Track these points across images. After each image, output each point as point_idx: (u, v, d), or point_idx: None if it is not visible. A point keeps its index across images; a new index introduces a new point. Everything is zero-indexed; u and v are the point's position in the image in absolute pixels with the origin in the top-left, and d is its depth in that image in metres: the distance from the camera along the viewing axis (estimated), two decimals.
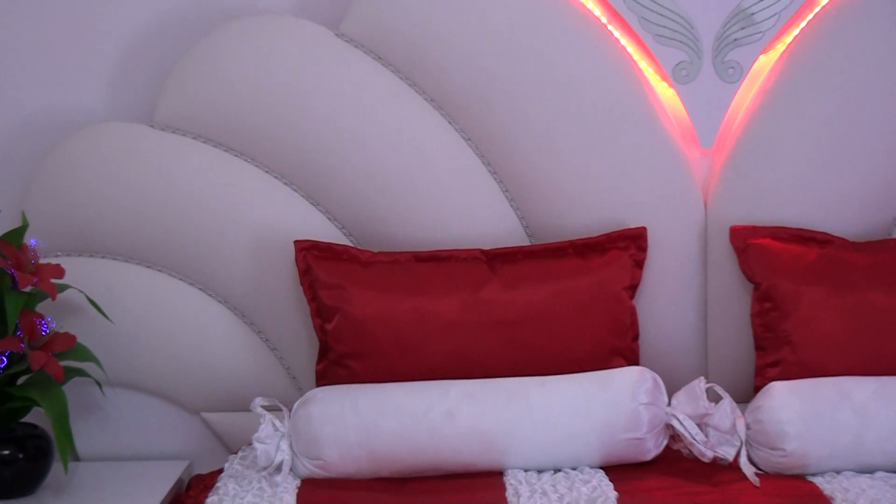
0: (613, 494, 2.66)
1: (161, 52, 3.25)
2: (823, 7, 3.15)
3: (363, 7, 3.18)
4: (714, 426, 2.85)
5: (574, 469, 2.85)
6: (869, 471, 2.79)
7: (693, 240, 3.21)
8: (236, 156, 3.18)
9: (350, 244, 3.18)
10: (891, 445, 2.82)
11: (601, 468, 2.83)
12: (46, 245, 3.06)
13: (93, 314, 3.01)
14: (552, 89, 3.14)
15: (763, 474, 2.81)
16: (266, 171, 3.20)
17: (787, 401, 2.82)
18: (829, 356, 2.99)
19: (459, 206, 3.21)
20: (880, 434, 2.81)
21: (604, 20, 3.15)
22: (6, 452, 2.85)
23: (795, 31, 3.16)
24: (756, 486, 2.75)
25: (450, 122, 3.20)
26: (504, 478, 2.80)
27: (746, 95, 3.20)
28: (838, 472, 2.78)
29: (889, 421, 2.81)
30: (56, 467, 2.94)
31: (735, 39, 3.17)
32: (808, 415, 2.82)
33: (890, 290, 3.03)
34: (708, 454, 2.79)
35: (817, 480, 2.75)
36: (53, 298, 2.88)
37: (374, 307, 3.04)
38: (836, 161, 3.19)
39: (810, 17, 3.15)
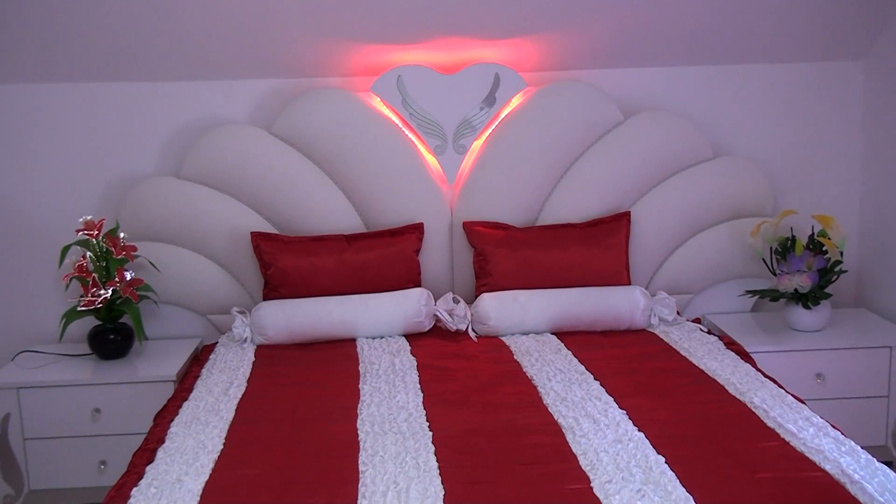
0: (408, 346, 3.23)
1: (182, 142, 3.59)
2: (502, 119, 3.59)
3: (283, 119, 3.53)
4: (456, 314, 3.40)
5: (390, 336, 3.36)
6: (526, 333, 3.36)
7: (445, 228, 3.63)
8: (222, 192, 3.54)
9: (278, 232, 3.56)
10: (536, 322, 3.35)
11: (403, 335, 3.36)
12: (128, 235, 3.42)
13: (150, 269, 3.45)
14: (377, 156, 3.54)
15: (479, 336, 3.36)
16: (237, 199, 3.54)
17: (489, 302, 3.37)
18: (508, 281, 3.45)
19: (332, 216, 3.58)
20: (531, 316, 3.35)
21: (399, 123, 3.58)
22: (112, 336, 3.37)
23: (490, 129, 3.61)
24: (475, 341, 3.31)
25: (326, 174, 3.57)
26: (356, 341, 3.32)
27: (469, 159, 3.63)
28: (513, 334, 3.34)
29: (535, 311, 3.34)
30: (135, 343, 3.44)
31: (463, 134, 3.60)
32: (499, 307, 3.35)
33: (536, 250, 3.47)
34: (452, 328, 3.38)
35: (504, 338, 3.32)
36: (132, 261, 3.36)
37: (290, 263, 3.42)
38: (494, 190, 3.59)
39: (497, 122, 3.60)
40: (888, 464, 2.47)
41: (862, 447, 2.28)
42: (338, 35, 3.47)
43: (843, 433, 2.37)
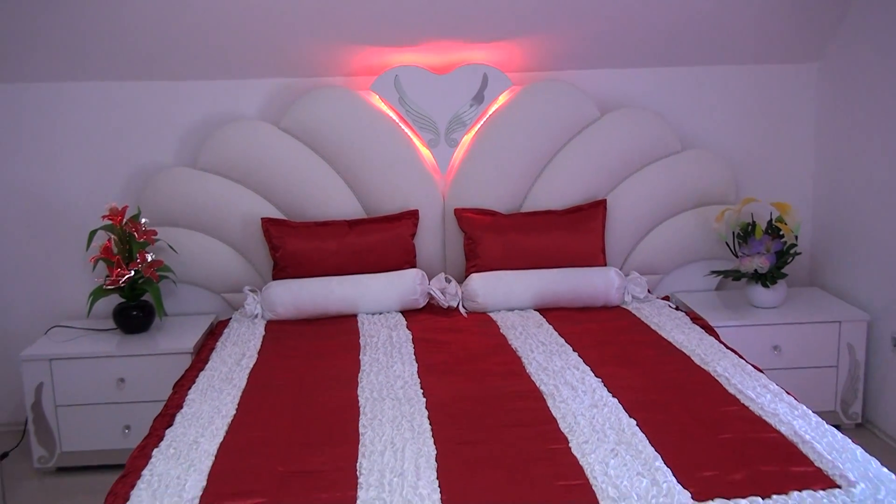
0: (404, 321, 3.23)
1: (200, 134, 3.57)
2: (490, 115, 3.57)
3: (290, 115, 3.50)
4: (448, 293, 3.40)
5: (388, 312, 3.35)
6: (511, 309, 3.35)
7: (438, 214, 3.62)
8: (235, 182, 3.52)
9: (286, 218, 3.54)
10: (520, 300, 3.35)
11: (400, 311, 3.35)
12: (149, 221, 3.41)
13: (169, 251, 3.45)
14: (376, 148, 3.52)
15: (469, 312, 3.36)
16: (248, 188, 3.52)
17: (478, 281, 3.37)
18: (495, 262, 3.45)
19: (335, 203, 3.56)
20: (516, 294, 3.35)
21: (396, 119, 3.56)
22: (135, 312, 3.36)
23: (479, 125, 3.59)
24: (465, 316, 3.31)
25: (330, 166, 3.55)
26: (357, 317, 3.31)
27: (459, 152, 3.61)
28: (499, 311, 3.34)
29: (519, 289, 3.34)
30: (155, 319, 3.45)
31: (454, 129, 3.59)
32: (486, 286, 3.35)
33: (520, 234, 3.47)
34: (445, 305, 3.38)
35: (491, 314, 3.32)
36: (152, 244, 3.38)
37: (296, 246, 3.40)
38: (482, 180, 3.58)
39: (485, 118, 3.58)
40: (836, 427, 2.50)
41: (813, 411, 2.30)
42: (340, 38, 3.47)
43: (796, 399, 2.39)
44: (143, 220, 3.40)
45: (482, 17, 3.42)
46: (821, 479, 1.90)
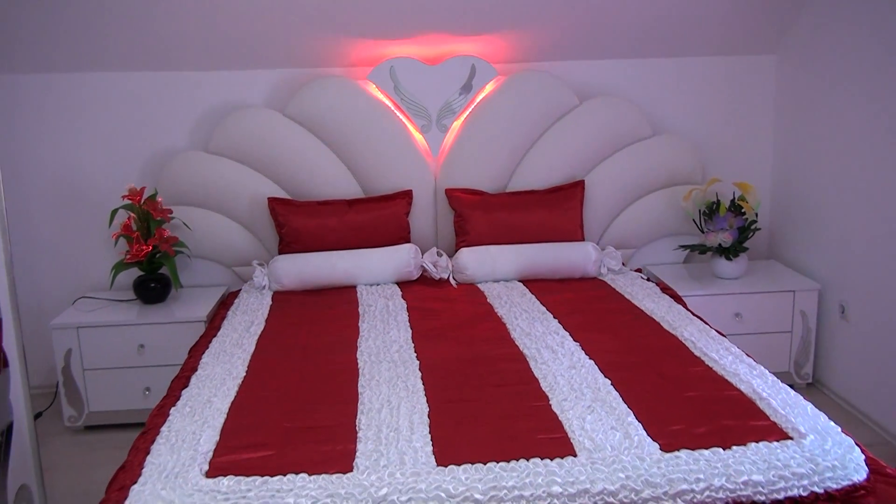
0: (399, 291, 3.21)
1: (211, 120, 3.55)
2: (478, 103, 3.52)
3: (295, 102, 3.46)
4: (439, 266, 3.38)
5: (385, 284, 3.33)
6: (497, 280, 3.34)
7: (430, 194, 3.58)
8: (241, 163, 3.48)
9: (290, 197, 3.50)
10: (505, 272, 3.32)
11: (395, 283, 3.33)
12: (165, 200, 3.43)
13: (184, 228, 3.44)
14: (374, 132, 3.48)
15: (458, 283, 3.34)
16: (256, 170, 3.48)
17: (467, 255, 3.34)
18: (482, 238, 3.42)
19: (335, 183, 3.52)
20: (502, 267, 3.32)
21: (391, 106, 3.50)
22: (153, 284, 3.34)
23: (467, 112, 3.55)
24: (455, 287, 3.29)
25: (331, 149, 3.51)
26: (356, 288, 3.29)
27: (450, 137, 3.57)
28: (486, 282, 3.32)
29: (505, 262, 3.31)
30: (172, 290, 3.44)
31: (445, 115, 3.55)
32: (474, 260, 3.32)
33: (506, 212, 3.43)
34: (436, 277, 3.36)
35: (479, 285, 3.30)
36: (169, 222, 3.35)
37: (300, 223, 3.38)
38: (471, 162, 3.51)
39: (473, 105, 3.54)
40: (790, 386, 2.55)
41: (770, 372, 2.30)
42: (340, 32, 3.42)
43: (755, 360, 2.39)
44: (160, 200, 3.38)
45: (471, 12, 3.38)
46: (776, 432, 1.92)
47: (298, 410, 2.12)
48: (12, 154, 3.49)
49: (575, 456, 1.81)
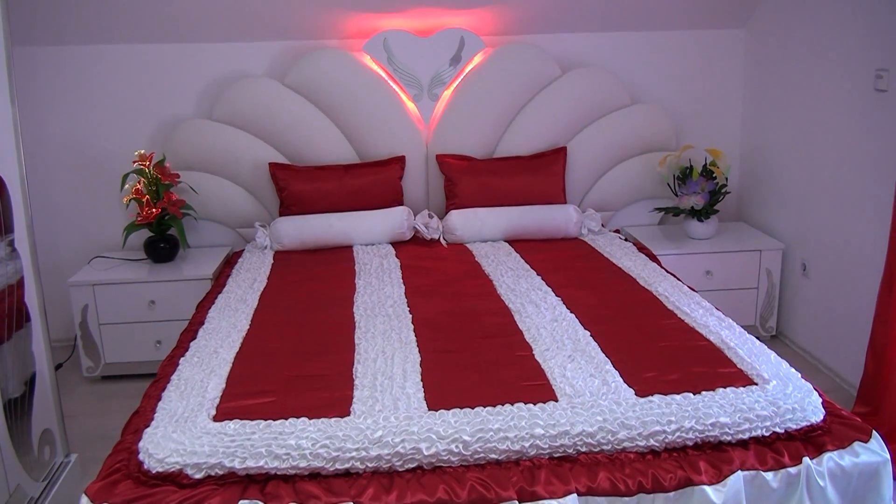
0: (393, 251, 3.19)
1: (215, 90, 3.51)
2: (466, 74, 3.48)
3: (294, 72, 3.42)
4: (430, 227, 3.36)
5: (379, 244, 3.30)
6: (485, 241, 3.32)
7: (422, 159, 3.55)
8: (244, 130, 3.44)
9: (290, 163, 3.47)
10: (492, 233, 3.30)
11: (389, 243, 3.31)
12: (173, 165, 3.42)
13: (191, 192, 3.41)
14: (369, 101, 3.44)
15: (448, 243, 3.32)
16: (258, 137, 3.44)
17: (456, 217, 3.30)
18: (471, 201, 3.39)
19: (332, 149, 3.48)
20: (488, 226, 3.30)
21: (385, 76, 3.46)
22: (162, 244, 3.31)
23: (457, 82, 3.51)
24: (445, 247, 3.27)
25: (328, 117, 3.47)
26: (352, 247, 3.27)
27: (440, 105, 3.53)
28: (474, 242, 3.30)
29: (491, 224, 3.29)
30: (180, 250, 3.40)
31: (435, 85, 3.51)
32: (463, 221, 3.30)
33: (493, 177, 3.40)
34: (428, 237, 3.34)
35: (467, 245, 3.28)
36: (176, 185, 3.34)
37: (300, 187, 3.34)
38: (460, 129, 3.49)
39: (462, 76, 3.49)
40: (756, 337, 2.49)
41: (737, 324, 2.31)
42: (336, 5, 3.37)
43: (723, 314, 2.40)
44: (168, 165, 3.37)
45: None
46: (742, 378, 1.93)
47: (299, 360, 2.11)
48: (30, 123, 3.43)
49: (556, 401, 1.80)
